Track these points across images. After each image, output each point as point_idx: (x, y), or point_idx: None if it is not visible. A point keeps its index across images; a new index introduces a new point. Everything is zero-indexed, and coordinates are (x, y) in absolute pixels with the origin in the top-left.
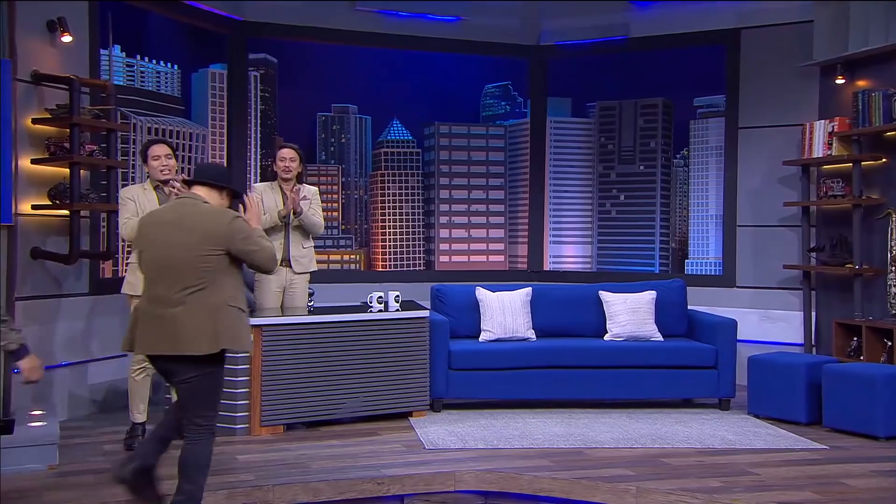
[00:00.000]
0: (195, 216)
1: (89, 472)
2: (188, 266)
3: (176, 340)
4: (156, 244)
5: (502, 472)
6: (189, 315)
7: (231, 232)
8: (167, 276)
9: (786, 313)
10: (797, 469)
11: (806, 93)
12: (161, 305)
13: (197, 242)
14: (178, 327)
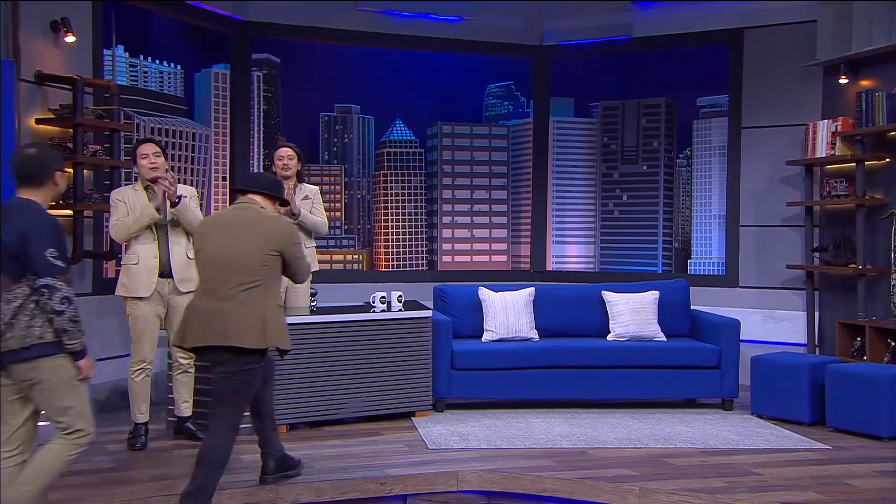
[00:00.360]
0: (257, 219)
1: (92, 471)
2: (247, 265)
3: (226, 332)
4: (216, 243)
5: (505, 472)
6: (241, 310)
7: (289, 236)
8: (224, 273)
9: (789, 313)
10: (800, 469)
11: (809, 92)
12: (215, 300)
13: (258, 243)
14: (230, 321)
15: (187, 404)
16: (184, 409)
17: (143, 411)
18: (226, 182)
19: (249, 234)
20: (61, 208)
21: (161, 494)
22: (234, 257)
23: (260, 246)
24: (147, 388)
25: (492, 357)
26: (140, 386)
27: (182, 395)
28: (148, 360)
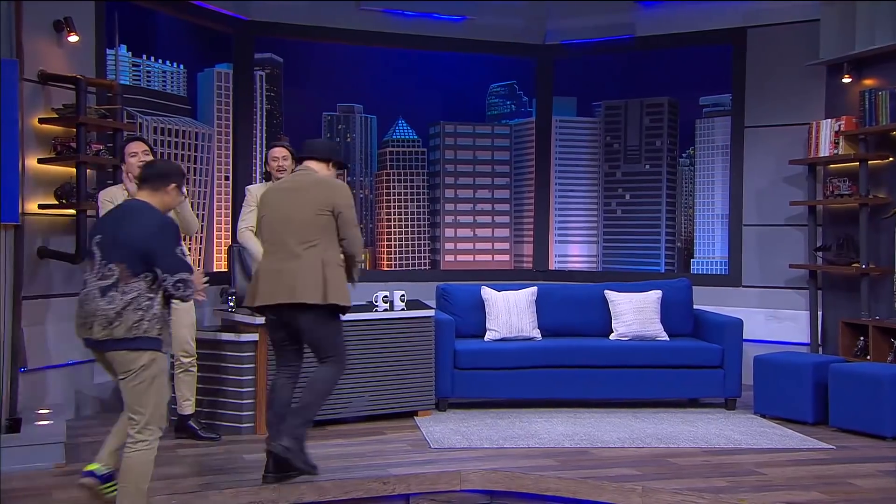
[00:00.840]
0: (311, 182)
1: None
2: (303, 226)
3: (293, 290)
4: (276, 208)
5: (508, 471)
6: (304, 268)
7: (341, 197)
8: (284, 235)
9: (792, 313)
10: (804, 469)
11: (812, 92)
12: (279, 261)
13: (313, 203)
14: (295, 279)
15: (189, 403)
16: (185, 407)
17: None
18: (229, 181)
19: (304, 196)
20: (65, 207)
21: (164, 493)
22: (291, 219)
23: (314, 207)
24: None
25: (494, 356)
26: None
27: (184, 393)
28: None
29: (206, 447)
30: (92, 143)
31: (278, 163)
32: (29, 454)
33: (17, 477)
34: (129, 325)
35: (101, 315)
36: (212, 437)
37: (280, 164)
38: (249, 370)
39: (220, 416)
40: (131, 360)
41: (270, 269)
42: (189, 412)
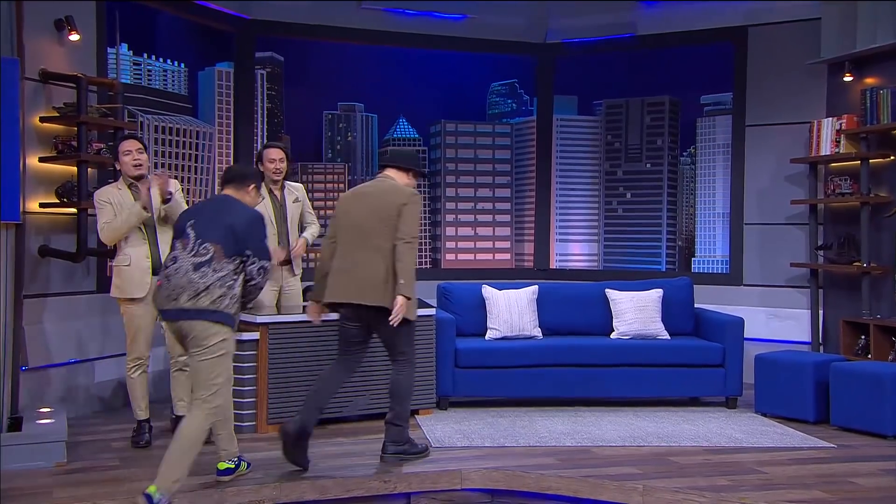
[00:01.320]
0: (386, 189)
1: (97, 469)
2: (375, 228)
3: (361, 291)
4: (350, 213)
5: (509, 470)
6: (374, 271)
7: (405, 203)
8: (355, 238)
9: (793, 311)
10: (805, 468)
11: (814, 90)
12: (349, 262)
13: (384, 208)
14: (365, 280)
15: (183, 403)
16: (180, 407)
17: (143, 408)
18: None
19: (378, 202)
20: (66, 206)
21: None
22: (364, 223)
23: (385, 212)
24: (145, 385)
25: (495, 355)
26: (138, 383)
27: (178, 394)
28: (143, 357)
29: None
30: (93, 142)
31: (275, 164)
32: (30, 453)
33: (18, 475)
34: (214, 298)
35: (191, 286)
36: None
37: (277, 165)
38: (250, 369)
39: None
40: (208, 332)
41: (342, 269)
42: (184, 413)
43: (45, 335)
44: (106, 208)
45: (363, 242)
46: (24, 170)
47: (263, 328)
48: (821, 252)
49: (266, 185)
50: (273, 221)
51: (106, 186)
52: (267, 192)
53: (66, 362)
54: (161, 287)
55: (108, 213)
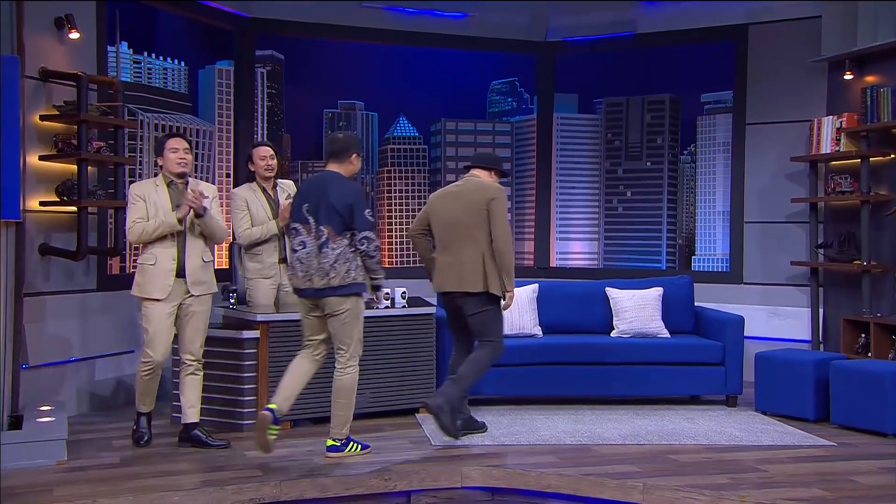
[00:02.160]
0: (473, 187)
1: (97, 467)
2: (468, 223)
3: (461, 280)
4: (445, 210)
5: (509, 468)
6: (469, 262)
7: (492, 198)
8: (452, 233)
9: (793, 310)
10: (805, 466)
11: (814, 89)
12: (448, 255)
13: (474, 205)
14: (462, 271)
15: (194, 409)
16: (191, 414)
17: (148, 403)
18: (230, 179)
19: (468, 199)
20: (66, 205)
21: (167, 490)
22: (457, 219)
23: (474, 208)
24: (156, 385)
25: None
26: (149, 383)
27: (189, 398)
28: (159, 361)
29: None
30: (93, 141)
31: (266, 162)
32: (31, 451)
33: (19, 474)
34: (342, 274)
35: (321, 268)
36: (221, 445)
37: (268, 163)
38: (251, 367)
39: (221, 412)
40: (340, 304)
41: (444, 263)
42: (195, 420)
43: (45, 333)
44: (138, 205)
45: (461, 236)
46: (25, 168)
47: (263, 326)
48: (821, 250)
49: (259, 183)
50: (270, 219)
51: (143, 181)
52: (260, 190)
53: (67, 361)
54: (295, 269)
55: (140, 210)
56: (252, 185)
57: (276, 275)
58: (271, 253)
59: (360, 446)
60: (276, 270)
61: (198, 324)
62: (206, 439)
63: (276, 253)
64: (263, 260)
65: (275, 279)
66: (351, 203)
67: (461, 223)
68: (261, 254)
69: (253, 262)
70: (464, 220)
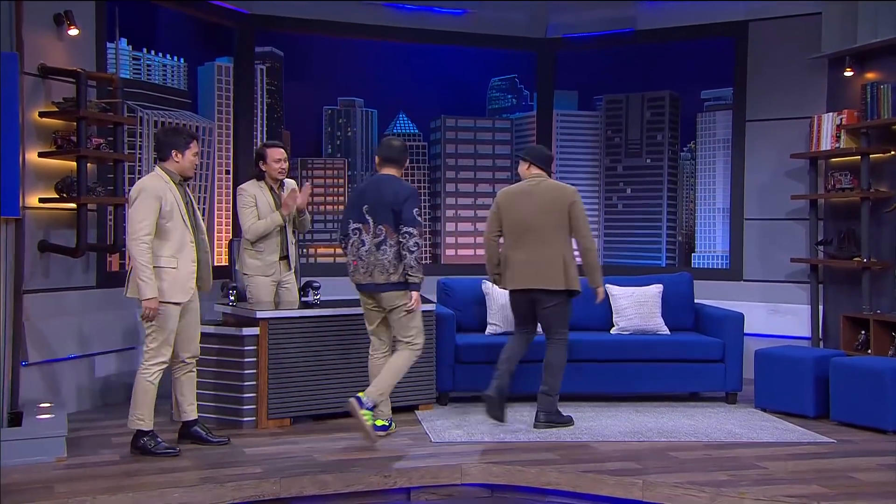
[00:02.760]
0: (548, 188)
1: (97, 464)
2: (545, 224)
3: (542, 277)
4: (520, 210)
5: (509, 465)
6: (548, 259)
7: (573, 201)
8: (527, 231)
9: (793, 307)
10: (804, 463)
11: (814, 85)
12: (525, 253)
13: (550, 206)
14: (542, 268)
15: (193, 407)
16: (191, 412)
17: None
18: (229, 176)
19: (543, 199)
20: (65, 202)
21: (166, 487)
22: (534, 220)
23: (555, 210)
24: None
25: (495, 350)
26: (156, 388)
27: (188, 397)
28: (168, 362)
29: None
30: (92, 137)
31: (280, 164)
32: (30, 448)
33: (19, 470)
34: (399, 270)
35: (380, 264)
36: (221, 441)
37: (282, 165)
38: (251, 364)
39: (221, 410)
40: (399, 298)
41: (520, 261)
42: (194, 417)
43: (45, 330)
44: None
45: (536, 235)
46: (24, 165)
47: (263, 323)
48: (821, 247)
49: (267, 182)
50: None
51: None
52: (268, 188)
53: (67, 357)
54: (357, 266)
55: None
56: (260, 182)
57: (275, 272)
58: (273, 251)
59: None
60: (276, 269)
61: (197, 321)
62: (206, 436)
63: (278, 251)
64: (265, 258)
65: (275, 276)
66: (403, 200)
67: (537, 222)
68: (263, 251)
69: (253, 259)
70: (540, 219)
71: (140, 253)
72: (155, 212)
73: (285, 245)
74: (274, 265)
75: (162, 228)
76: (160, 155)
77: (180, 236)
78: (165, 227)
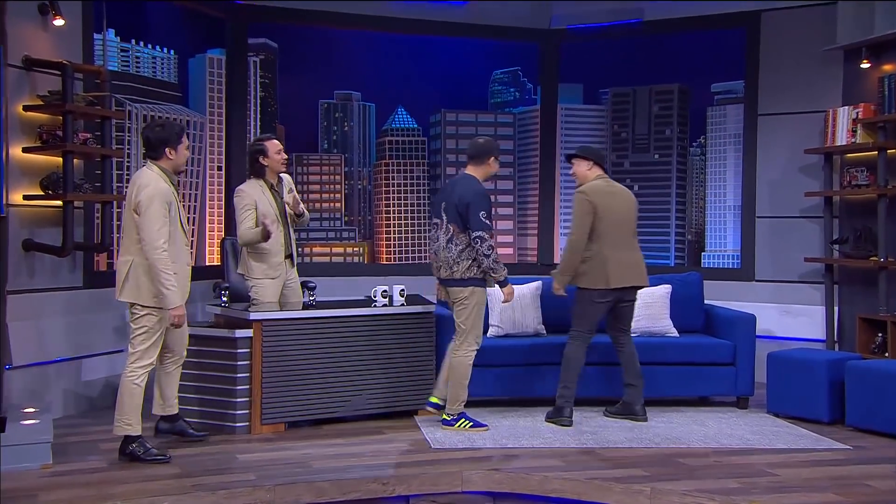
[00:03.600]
0: (623, 189)
1: (84, 471)
2: (633, 223)
3: (642, 275)
4: (613, 209)
5: (511, 472)
6: (640, 258)
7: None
8: (626, 230)
9: (807, 308)
10: (818, 470)
11: (829, 78)
12: (626, 252)
13: (632, 206)
14: (641, 266)
15: (176, 401)
16: (175, 405)
17: (140, 422)
18: (221, 171)
19: (627, 200)
20: (51, 199)
21: (155, 494)
22: (625, 219)
23: (634, 208)
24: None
25: (497, 353)
26: (141, 392)
27: (172, 390)
28: (154, 364)
29: (198, 447)
30: (79, 132)
31: (282, 155)
32: (15, 454)
33: (3, 477)
34: (463, 270)
35: (447, 260)
36: (202, 435)
37: (283, 155)
38: (244, 367)
39: (213, 415)
40: (460, 293)
41: (621, 259)
42: (176, 411)
43: (30, 332)
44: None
45: (632, 234)
46: (7, 161)
47: (256, 325)
48: (836, 246)
49: (266, 180)
50: (279, 217)
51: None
52: (268, 187)
53: (52, 360)
54: (433, 260)
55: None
56: (260, 182)
57: (281, 273)
58: (277, 252)
59: (471, 423)
60: (281, 270)
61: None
62: (187, 430)
63: (283, 250)
64: (269, 259)
65: (280, 277)
66: (468, 203)
67: (628, 222)
68: (267, 252)
69: (258, 262)
70: (629, 219)
71: (161, 261)
72: (166, 217)
73: (289, 243)
74: (280, 266)
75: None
76: (153, 154)
77: (179, 238)
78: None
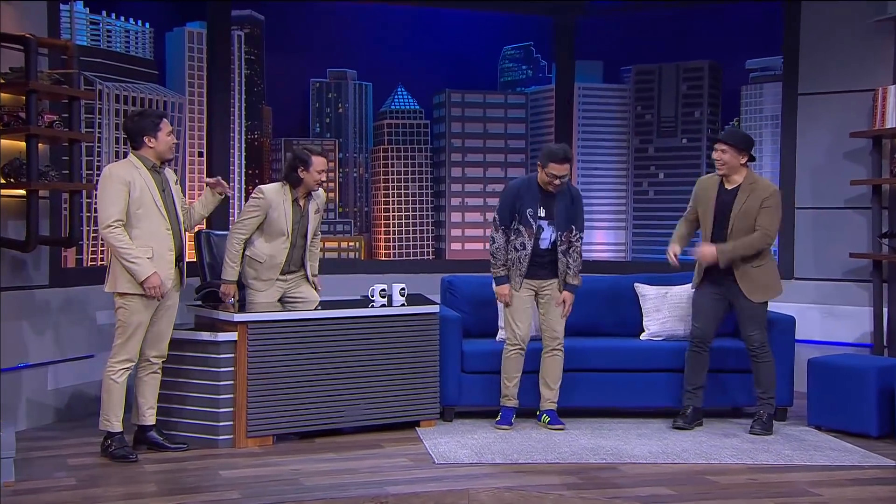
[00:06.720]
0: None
1: (51, 489)
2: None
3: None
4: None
5: (523, 490)
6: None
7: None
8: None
9: (852, 309)
10: (866, 490)
11: (879, 52)
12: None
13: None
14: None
15: (153, 411)
16: (149, 416)
17: (120, 418)
18: (202, 157)
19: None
20: (13, 187)
21: None
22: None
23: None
24: (125, 393)
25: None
26: (121, 388)
27: (149, 399)
28: (136, 359)
29: (177, 462)
30: (44, 113)
31: (322, 177)
32: None
33: None
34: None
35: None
36: (179, 447)
37: (323, 178)
38: (227, 374)
39: (193, 426)
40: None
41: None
42: (152, 422)
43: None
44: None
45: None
46: None
47: (242, 327)
48: (885, 240)
49: (296, 192)
50: (289, 233)
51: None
52: (291, 199)
53: (15, 367)
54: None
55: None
56: (286, 188)
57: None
58: (273, 266)
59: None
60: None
61: (171, 320)
62: (163, 442)
63: (280, 267)
64: (262, 272)
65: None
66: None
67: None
68: (263, 262)
69: (250, 268)
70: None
71: (115, 238)
72: (123, 198)
73: (292, 261)
74: (271, 283)
75: (132, 216)
76: (133, 144)
77: (153, 225)
78: (136, 214)
